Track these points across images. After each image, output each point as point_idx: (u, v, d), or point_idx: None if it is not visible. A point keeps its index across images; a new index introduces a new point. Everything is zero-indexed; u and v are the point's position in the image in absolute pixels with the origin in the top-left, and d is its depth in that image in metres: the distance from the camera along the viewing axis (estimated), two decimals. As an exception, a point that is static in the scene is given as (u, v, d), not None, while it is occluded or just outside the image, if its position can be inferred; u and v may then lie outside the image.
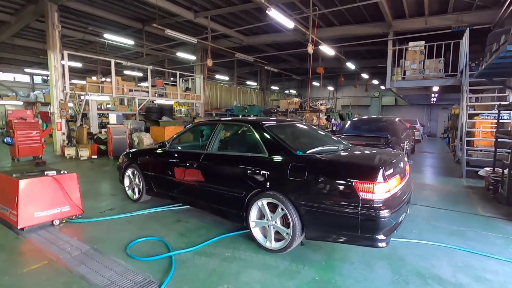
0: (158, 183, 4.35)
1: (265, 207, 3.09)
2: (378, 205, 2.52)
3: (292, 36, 12.70)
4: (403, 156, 3.44)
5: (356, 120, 7.93)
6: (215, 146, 3.79)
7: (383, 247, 2.62)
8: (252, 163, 3.24)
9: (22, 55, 17.46)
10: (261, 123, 3.55)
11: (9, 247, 3.17)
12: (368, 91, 25.70)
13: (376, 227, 2.55)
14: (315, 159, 3.01)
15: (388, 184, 2.61)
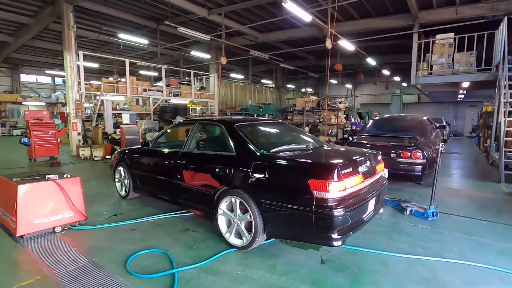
0: (142, 180, 4.49)
1: (234, 204, 3.12)
2: (331, 203, 2.54)
3: (309, 31, 12.19)
4: (372, 155, 3.34)
5: (379, 119, 7.34)
6: (192, 145, 3.91)
7: (338, 246, 2.64)
8: (220, 162, 3.33)
9: (43, 57, 17.94)
10: (232, 122, 3.59)
11: (5, 257, 2.96)
12: (388, 89, 24.67)
13: (330, 226, 2.55)
14: (275, 158, 3.03)
15: (344, 183, 2.61)
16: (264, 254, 3.01)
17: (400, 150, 5.34)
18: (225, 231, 3.23)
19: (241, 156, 3.20)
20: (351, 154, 3.24)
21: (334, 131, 10.54)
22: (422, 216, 4.01)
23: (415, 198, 5.05)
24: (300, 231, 2.76)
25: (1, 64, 18.55)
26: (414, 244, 3.26)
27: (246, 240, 3.01)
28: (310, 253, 3.04)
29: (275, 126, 4.33)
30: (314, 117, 11.43)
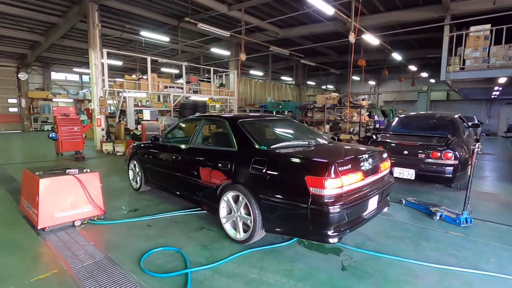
0: (152, 173, 4.64)
1: (233, 199, 3.19)
2: (327, 200, 2.52)
3: (331, 26, 11.79)
4: (376, 153, 3.26)
5: (405, 116, 6.92)
6: (198, 141, 4.00)
7: (334, 243, 2.64)
8: (223, 157, 3.39)
9: (71, 56, 18.71)
10: (236, 119, 3.65)
11: (27, 249, 3.03)
12: (415, 85, 23.47)
13: (325, 222, 2.55)
14: (274, 154, 3.05)
15: (341, 180, 2.58)
16: (281, 257, 2.87)
17: (429, 150, 4.99)
18: (226, 225, 3.30)
19: (242, 151, 3.26)
20: (352, 152, 3.22)
21: (356, 129, 10.15)
22: (454, 222, 3.70)
23: (445, 202, 4.70)
24: (297, 227, 2.79)
25: (34, 63, 19.56)
26: (445, 252, 3.00)
27: (245, 234, 3.07)
28: (329, 258, 2.87)
29: (280, 123, 4.34)
30: (335, 115, 11.08)
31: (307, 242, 3.18)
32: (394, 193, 5.04)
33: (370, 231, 3.51)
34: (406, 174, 5.22)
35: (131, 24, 13.10)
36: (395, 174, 5.38)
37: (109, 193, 4.90)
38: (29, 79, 20.07)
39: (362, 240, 3.28)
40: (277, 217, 2.86)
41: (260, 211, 2.92)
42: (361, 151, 3.23)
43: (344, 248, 3.06)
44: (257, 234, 2.99)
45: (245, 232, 3.10)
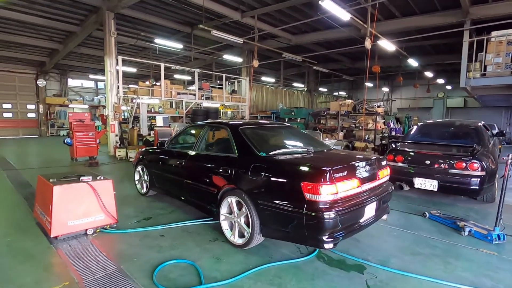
0: (157, 179, 4.77)
1: (234, 204, 3.24)
2: (322, 206, 2.58)
3: (345, 32, 11.65)
4: (374, 160, 3.28)
5: (425, 124, 6.64)
6: (201, 147, 4.10)
7: (329, 248, 2.65)
8: (224, 162, 3.48)
9: (87, 63, 19.19)
10: (237, 125, 3.73)
11: (39, 258, 2.97)
12: (430, 92, 22.95)
13: (320, 228, 2.59)
14: (272, 160, 3.12)
15: (336, 187, 2.63)
16: (300, 274, 2.71)
17: (453, 160, 4.73)
18: (226, 230, 3.37)
19: (242, 157, 3.34)
20: (349, 159, 3.23)
21: (371, 137, 9.88)
22: (485, 238, 3.44)
23: (471, 215, 4.43)
24: (293, 232, 2.80)
25: (52, 70, 20.17)
26: (478, 273, 2.76)
27: (244, 239, 3.12)
28: (352, 276, 2.69)
29: (281, 129, 4.41)
30: (349, 122, 10.85)
31: (327, 258, 3.01)
32: (416, 205, 4.82)
33: (392, 247, 3.31)
34: (428, 185, 4.97)
35: (145, 31, 13.33)
36: (416, 185, 5.14)
37: (121, 200, 4.86)
38: (47, 86, 20.68)
39: (386, 256, 3.07)
40: (274, 222, 2.92)
41: (258, 216, 2.97)
42: (358, 158, 3.22)
43: (368, 265, 2.86)
44: (255, 239, 3.03)
45: (244, 237, 3.14)
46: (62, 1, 10.21)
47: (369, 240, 3.48)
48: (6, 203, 4.86)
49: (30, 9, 10.94)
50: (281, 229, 2.88)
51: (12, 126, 19.81)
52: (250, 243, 3.05)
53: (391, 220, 4.15)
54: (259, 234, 3.01)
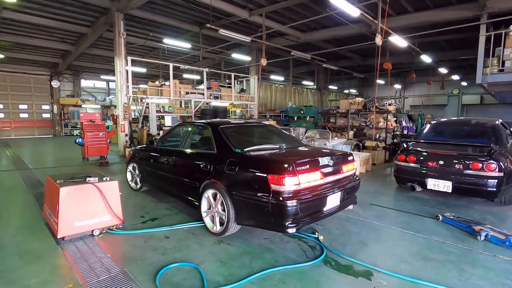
0: (148, 174, 5.13)
1: (211, 197, 3.57)
2: (285, 195, 2.88)
3: (355, 28, 11.39)
4: (339, 155, 3.61)
5: (439, 123, 6.40)
6: (186, 144, 4.42)
7: (292, 232, 2.99)
8: (205, 158, 3.80)
9: (98, 64, 19.52)
10: (217, 124, 4.04)
11: (45, 259, 2.99)
12: (444, 89, 22.32)
13: (283, 215, 2.90)
14: (245, 156, 3.42)
15: (298, 178, 2.95)
16: (305, 279, 2.63)
17: (469, 160, 4.54)
18: (206, 219, 3.67)
19: (220, 153, 3.65)
20: (313, 154, 3.60)
21: (382, 136, 9.64)
22: (503, 244, 3.26)
23: (488, 218, 4.23)
24: (262, 220, 3.14)
25: (65, 71, 20.63)
26: (496, 281, 2.61)
27: (221, 227, 3.44)
28: (360, 283, 2.58)
29: (259, 128, 4.78)
30: (360, 120, 10.61)
31: (334, 263, 2.92)
32: (428, 207, 4.65)
33: (403, 251, 3.18)
34: (442, 186, 4.79)
35: (154, 32, 13.42)
36: (428, 186, 4.97)
37: (129, 200, 4.88)
38: (61, 87, 21.16)
39: (396, 262, 2.95)
40: (247, 211, 3.23)
41: (233, 206, 3.26)
42: (322, 153, 3.57)
43: (375, 272, 2.76)
44: (231, 227, 3.34)
45: (222, 225, 3.46)
46: (73, 3, 10.37)
47: (378, 244, 3.37)
48: (18, 203, 4.96)
49: (42, 12, 11.17)
50: (253, 217, 3.22)
51: (28, 126, 20.38)
52: (227, 231, 3.37)
53: (401, 223, 4.01)
54: (234, 223, 3.31)
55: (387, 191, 5.80)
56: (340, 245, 3.32)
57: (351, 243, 3.38)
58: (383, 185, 6.30)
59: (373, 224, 4.00)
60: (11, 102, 19.60)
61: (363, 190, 5.79)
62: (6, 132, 19.12)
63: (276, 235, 3.56)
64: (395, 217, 4.32)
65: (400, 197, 5.31)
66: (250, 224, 3.30)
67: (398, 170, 5.47)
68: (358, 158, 7.32)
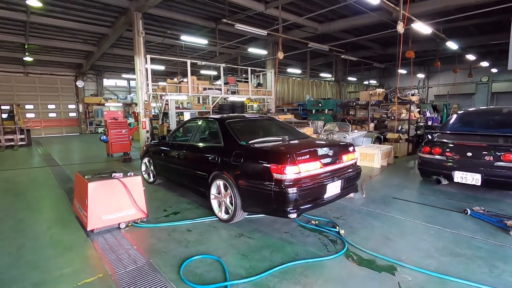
0: (161, 168, 5.44)
1: (222, 186, 3.79)
2: (286, 183, 3.11)
3: (375, 17, 10.99)
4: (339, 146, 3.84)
5: (466, 112, 6.08)
6: (196, 138, 4.69)
7: (293, 218, 3.21)
8: (213, 151, 4.06)
9: (119, 63, 20.13)
10: (224, 119, 4.29)
11: (76, 250, 3.17)
12: (472, 76, 21.13)
13: (285, 201, 3.12)
14: (249, 148, 3.65)
15: (298, 168, 3.17)
16: (326, 273, 2.61)
17: (500, 151, 4.31)
18: (215, 207, 3.94)
19: (226, 146, 3.89)
20: (314, 145, 3.77)
21: (405, 127, 9.31)
22: (538, 239, 3.08)
23: (522, 212, 3.99)
24: (265, 206, 3.37)
25: (88, 71, 21.45)
26: (530, 279, 2.48)
27: (229, 215, 3.69)
28: (383, 278, 2.54)
29: (264, 122, 4.99)
30: (381, 112, 10.29)
31: (356, 257, 2.88)
32: (455, 201, 4.47)
33: (429, 246, 3.08)
34: (470, 179, 4.58)
35: (172, 29, 13.60)
36: (455, 179, 4.77)
37: (152, 194, 5.05)
38: (85, 86, 22.04)
39: (421, 256, 2.87)
40: (252, 199, 3.46)
41: (239, 194, 3.49)
42: (322, 144, 3.81)
43: (400, 266, 2.69)
44: (238, 214, 3.59)
45: (229, 213, 3.71)
46: (94, 4, 10.70)
47: (402, 239, 3.28)
48: (50, 197, 5.26)
49: (66, 15, 11.62)
50: (257, 204, 3.44)
51: (56, 125, 21.47)
52: (234, 218, 3.61)
53: (426, 218, 3.89)
54: (240, 210, 3.55)
55: (411, 184, 5.61)
56: (362, 239, 3.27)
57: (374, 237, 3.31)
58: (406, 178, 6.11)
59: (396, 218, 3.90)
60: (40, 102, 20.68)
61: (385, 183, 5.67)
62: (37, 131, 20.21)
63: (296, 229, 3.56)
64: (420, 211, 4.18)
65: (424, 191, 5.13)
66: (255, 211, 3.57)
67: (423, 162, 5.28)
68: (379, 151, 7.13)
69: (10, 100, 17.74)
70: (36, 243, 3.35)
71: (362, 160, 7.42)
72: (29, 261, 2.94)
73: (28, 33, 13.50)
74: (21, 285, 2.52)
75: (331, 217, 3.92)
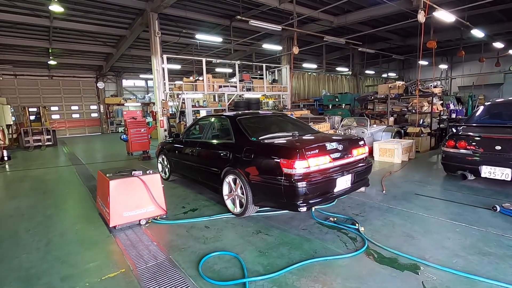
0: (175, 165, 5.59)
1: (233, 181, 3.91)
2: (296, 178, 3.17)
3: (394, 6, 10.59)
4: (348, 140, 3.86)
5: (494, 104, 5.73)
6: (208, 136, 4.81)
7: (303, 211, 3.30)
8: (225, 147, 4.15)
9: (137, 63, 20.61)
10: (235, 116, 4.39)
11: (100, 246, 3.28)
12: (500, 66, 19.93)
13: (295, 195, 3.20)
14: (260, 144, 3.75)
15: (307, 162, 3.23)
16: (346, 271, 2.56)
17: (532, 144, 4.03)
18: (228, 202, 4.05)
19: (238, 142, 3.98)
20: (323, 140, 3.73)
21: (427, 121, 8.95)
22: None
23: (558, 209, 3.73)
24: (276, 200, 3.45)
25: (108, 72, 22.14)
26: None
27: (241, 209, 3.80)
28: (406, 277, 2.45)
29: (274, 118, 5.07)
30: (401, 105, 9.94)
31: (376, 255, 2.80)
32: (483, 197, 4.25)
33: (455, 245, 2.95)
34: (499, 174, 4.34)
35: (187, 28, 13.75)
36: (483, 174, 4.53)
37: (170, 192, 5.15)
38: (105, 87, 22.79)
39: (446, 255, 2.75)
40: (263, 193, 3.55)
41: (251, 189, 3.59)
42: (332, 139, 3.75)
43: (424, 265, 2.59)
44: (250, 208, 3.69)
45: (241, 207, 3.80)
46: (112, 7, 10.99)
47: (426, 237, 3.16)
48: (75, 195, 5.49)
49: (86, 18, 12.02)
50: (268, 198, 3.54)
51: (79, 126, 22.37)
52: (246, 212, 3.73)
53: (451, 215, 3.72)
54: (252, 204, 3.64)
55: (434, 180, 5.39)
56: (383, 237, 3.18)
57: (395, 235, 3.21)
58: (429, 174, 5.88)
59: (419, 215, 3.76)
60: (64, 104, 21.60)
61: (406, 179, 5.48)
62: (62, 132, 21.14)
63: (314, 226, 3.52)
64: (444, 207, 4.01)
65: (449, 187, 4.91)
66: (266, 205, 3.68)
67: (447, 157, 5.05)
68: (399, 145, 6.90)
69: (37, 103, 18.67)
70: (62, 238, 3.50)
71: (381, 155, 7.21)
72: (56, 255, 3.07)
73: (52, 38, 14.10)
74: (49, 279, 2.64)
75: (350, 214, 3.84)
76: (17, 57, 16.91)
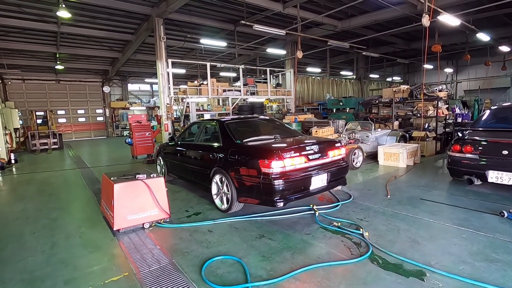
0: (171, 166, 5.95)
1: (220, 180, 4.26)
2: (273, 176, 3.51)
3: (398, 11, 10.59)
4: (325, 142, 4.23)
5: (500, 107, 5.68)
6: (200, 139, 5.21)
7: (280, 206, 3.61)
8: (213, 150, 4.52)
9: (143, 68, 20.85)
10: (223, 121, 4.78)
11: (104, 249, 3.30)
12: (506, 69, 19.79)
13: (272, 192, 3.53)
14: (242, 146, 4.10)
15: (283, 162, 3.55)
16: (350, 277, 2.53)
17: (540, 149, 3.97)
18: (216, 199, 4.38)
19: (224, 145, 4.35)
20: (300, 142, 4.18)
21: (432, 125, 8.88)
22: None
23: None
24: (256, 197, 3.77)
25: (114, 77, 22.39)
26: None
27: (227, 205, 4.12)
28: (411, 283, 2.41)
29: (261, 122, 5.47)
30: (405, 109, 9.89)
31: (381, 261, 2.77)
32: (490, 203, 4.19)
33: (461, 251, 2.90)
34: (507, 179, 4.28)
35: (191, 33, 13.88)
36: (490, 179, 4.47)
37: (176, 195, 5.16)
38: (111, 91, 23.04)
39: (453, 262, 2.71)
40: (245, 191, 3.86)
41: (235, 187, 3.93)
42: (309, 141, 4.16)
43: (429, 271, 2.55)
44: (235, 205, 4.02)
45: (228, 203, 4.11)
46: (118, 13, 11.15)
47: (431, 242, 3.11)
48: (79, 198, 5.53)
49: (93, 24, 12.21)
50: (249, 195, 3.83)
51: (85, 129, 22.60)
52: (232, 208, 4.05)
53: (458, 220, 3.67)
54: (236, 201, 3.97)
55: (440, 184, 5.33)
56: (387, 242, 3.14)
57: (400, 241, 3.17)
58: (434, 178, 5.81)
59: (425, 220, 3.71)
60: (71, 108, 21.86)
61: (411, 184, 5.43)
62: (68, 135, 21.37)
63: (318, 231, 3.49)
64: (450, 213, 3.96)
65: (455, 192, 4.85)
66: (249, 201, 3.90)
67: (453, 161, 5.00)
68: (404, 150, 6.85)
69: (44, 107, 18.92)
70: (67, 241, 3.52)
71: (386, 159, 7.16)
72: (60, 258, 3.09)
73: (59, 43, 14.33)
74: (53, 282, 2.66)
75: (354, 219, 3.81)
76: (25, 62, 17.20)
